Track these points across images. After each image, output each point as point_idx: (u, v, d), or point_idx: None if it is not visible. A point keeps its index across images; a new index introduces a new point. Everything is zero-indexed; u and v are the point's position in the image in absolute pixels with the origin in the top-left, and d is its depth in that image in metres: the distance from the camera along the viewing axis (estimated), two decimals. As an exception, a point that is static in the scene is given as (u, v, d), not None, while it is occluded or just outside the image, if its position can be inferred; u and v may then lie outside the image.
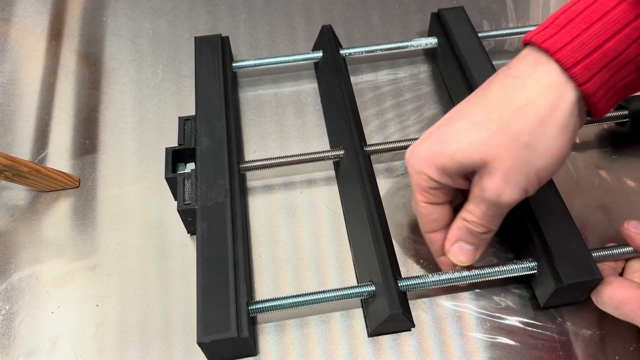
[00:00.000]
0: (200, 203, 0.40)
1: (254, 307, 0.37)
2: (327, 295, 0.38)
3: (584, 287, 0.37)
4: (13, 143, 0.51)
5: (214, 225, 0.39)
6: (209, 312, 0.35)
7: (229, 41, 0.55)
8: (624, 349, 0.38)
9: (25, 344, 0.39)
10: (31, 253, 0.44)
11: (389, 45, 0.54)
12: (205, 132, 0.45)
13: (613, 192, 0.46)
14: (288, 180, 0.48)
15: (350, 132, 0.45)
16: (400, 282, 0.37)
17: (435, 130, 0.35)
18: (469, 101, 0.34)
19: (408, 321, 0.37)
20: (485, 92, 0.33)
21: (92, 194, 0.47)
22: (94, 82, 0.56)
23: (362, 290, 0.38)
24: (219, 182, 0.41)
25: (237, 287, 0.36)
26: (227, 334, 0.34)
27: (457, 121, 0.33)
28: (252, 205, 0.46)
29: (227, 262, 0.37)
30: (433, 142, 0.34)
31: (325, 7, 0.62)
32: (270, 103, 0.54)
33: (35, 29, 0.61)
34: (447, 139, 0.33)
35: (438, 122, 0.35)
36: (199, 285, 0.36)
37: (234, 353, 0.37)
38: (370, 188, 0.41)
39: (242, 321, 0.35)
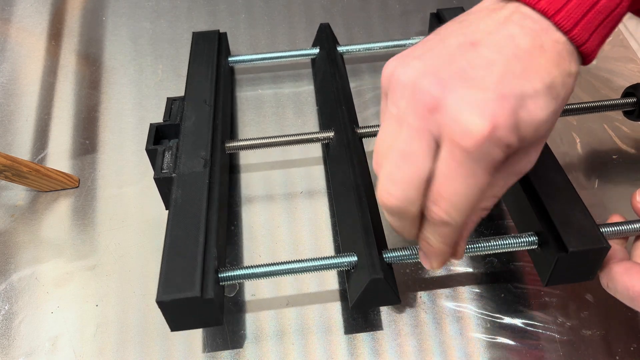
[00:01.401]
0: (178, 172, 0.39)
1: (224, 274, 0.35)
2: (305, 265, 0.35)
3: (590, 260, 0.34)
4: (13, 143, 0.51)
5: (189, 193, 0.38)
6: (173, 272, 0.33)
7: (226, 37, 0.54)
8: (624, 349, 0.38)
9: (24, 344, 0.39)
10: (31, 253, 0.44)
11: (387, 43, 0.54)
12: (192, 111, 0.44)
13: (613, 192, 0.46)
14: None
15: (341, 113, 0.44)
16: (385, 254, 0.36)
17: (506, 84, 0.26)
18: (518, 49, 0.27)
19: (392, 293, 0.35)
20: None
21: (91, 194, 0.47)
22: (93, 81, 0.56)
23: (343, 261, 0.36)
24: (199, 153, 0.41)
25: (206, 250, 0.34)
26: (190, 293, 0.31)
27: (529, 80, 0.26)
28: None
29: (199, 226, 0.35)
30: (509, 102, 0.25)
31: (325, 6, 0.62)
32: (270, 103, 0.54)
33: (34, 29, 0.60)
34: (528, 101, 0.26)
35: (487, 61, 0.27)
36: (166, 245, 0.34)
37: (198, 320, 0.34)
38: (357, 162, 0.40)
39: (208, 283, 0.33)
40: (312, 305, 0.40)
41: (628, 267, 0.34)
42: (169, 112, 0.45)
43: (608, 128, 0.51)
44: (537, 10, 0.28)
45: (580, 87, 0.55)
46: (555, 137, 0.50)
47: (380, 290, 0.34)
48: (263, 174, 0.48)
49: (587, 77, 0.56)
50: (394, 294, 0.35)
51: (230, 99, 0.53)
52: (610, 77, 0.56)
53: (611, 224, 0.36)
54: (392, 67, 0.28)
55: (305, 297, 0.41)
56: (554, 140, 0.50)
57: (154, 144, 0.42)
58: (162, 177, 0.40)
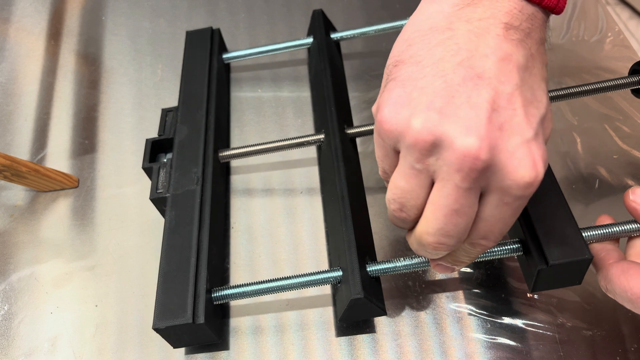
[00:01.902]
0: (172, 191, 0.40)
1: (216, 294, 0.37)
2: (291, 282, 0.36)
3: (574, 269, 0.34)
4: (12, 143, 0.51)
5: (182, 212, 0.39)
6: (167, 298, 0.35)
7: (220, 33, 0.54)
8: (625, 349, 0.38)
9: (24, 344, 0.39)
10: (30, 253, 0.43)
11: (383, 26, 0.52)
12: (185, 122, 0.45)
13: (613, 192, 0.46)
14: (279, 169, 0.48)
15: (330, 114, 0.44)
16: (369, 267, 0.36)
17: (531, 120, 0.26)
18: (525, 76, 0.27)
19: (376, 307, 0.35)
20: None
21: (91, 194, 0.47)
22: (93, 81, 0.55)
23: (328, 276, 0.36)
24: (192, 170, 0.41)
25: (197, 274, 0.36)
26: (182, 319, 0.34)
27: (540, 100, 0.27)
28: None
29: (191, 248, 0.37)
30: (541, 137, 0.27)
31: (325, 6, 0.62)
32: (270, 103, 0.54)
33: (34, 29, 0.60)
34: (546, 122, 0.27)
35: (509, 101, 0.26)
36: (161, 271, 0.36)
37: (194, 340, 0.36)
38: (344, 168, 0.40)
39: (199, 308, 0.34)
40: (313, 306, 0.40)
41: (625, 268, 0.33)
42: (164, 125, 0.45)
43: (609, 128, 0.51)
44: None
45: (580, 86, 0.55)
46: (555, 137, 0.50)
47: (364, 307, 0.35)
48: (263, 174, 0.48)
49: (587, 77, 0.56)
50: (378, 308, 0.36)
51: (225, 100, 0.53)
52: (611, 77, 0.55)
53: (597, 227, 0.36)
54: (404, 118, 0.26)
55: (305, 298, 0.41)
56: (554, 140, 0.50)
57: (151, 160, 0.43)
58: (157, 198, 0.41)
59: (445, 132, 0.25)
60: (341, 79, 0.48)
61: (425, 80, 0.26)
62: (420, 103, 0.26)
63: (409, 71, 0.27)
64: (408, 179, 0.28)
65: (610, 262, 0.34)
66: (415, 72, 0.27)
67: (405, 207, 0.29)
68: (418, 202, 0.28)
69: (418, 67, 0.27)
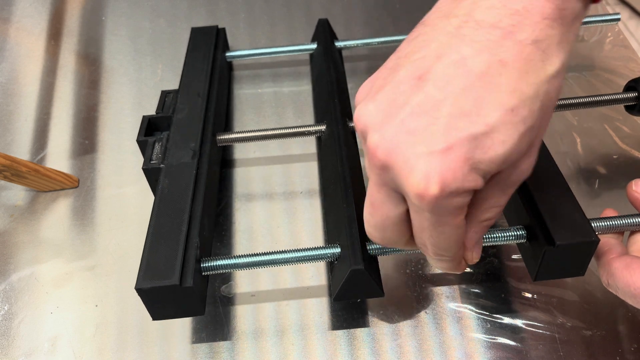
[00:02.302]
0: (166, 162, 0.39)
1: (206, 264, 0.35)
2: (287, 256, 0.35)
3: (579, 255, 0.33)
4: (12, 143, 0.51)
5: (176, 183, 0.38)
6: (154, 260, 0.33)
7: (225, 32, 0.54)
8: (625, 349, 0.38)
9: (24, 344, 0.39)
10: (30, 253, 0.43)
11: (386, 39, 0.53)
12: (185, 103, 0.44)
13: (613, 192, 0.46)
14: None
15: (333, 106, 0.44)
16: (369, 245, 0.35)
17: (457, 132, 0.24)
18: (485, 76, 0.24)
19: (375, 285, 0.34)
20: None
21: (91, 194, 0.47)
22: (93, 81, 0.56)
23: (326, 252, 0.35)
24: (189, 144, 0.41)
25: (188, 240, 0.34)
26: (169, 281, 0.31)
27: (481, 114, 0.24)
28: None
29: (183, 216, 0.35)
30: (457, 152, 0.23)
31: (325, 6, 0.62)
32: (270, 102, 0.54)
33: (34, 29, 0.60)
34: (482, 140, 0.24)
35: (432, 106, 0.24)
36: (149, 233, 0.34)
37: (178, 310, 0.34)
38: (346, 155, 0.40)
39: (188, 271, 0.32)
40: (312, 306, 0.40)
41: (628, 263, 0.32)
42: (162, 105, 0.45)
43: (609, 128, 0.51)
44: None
45: (580, 87, 0.55)
46: (555, 137, 0.50)
47: (362, 281, 0.34)
48: (263, 174, 0.48)
49: (588, 77, 0.56)
50: (377, 287, 0.34)
51: (226, 93, 0.53)
52: (611, 77, 0.56)
53: (604, 218, 0.36)
54: (359, 102, 0.28)
55: (306, 297, 0.41)
56: (554, 140, 0.50)
57: (146, 136, 0.42)
58: (151, 168, 0.40)
59: (367, 123, 0.26)
60: (343, 81, 0.49)
61: (388, 72, 0.27)
62: (372, 92, 0.27)
63: (390, 60, 0.28)
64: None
65: (613, 257, 0.34)
66: (390, 62, 0.27)
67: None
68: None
69: (394, 57, 0.27)
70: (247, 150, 0.50)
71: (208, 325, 0.39)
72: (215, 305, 0.40)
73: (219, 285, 0.41)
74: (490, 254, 0.43)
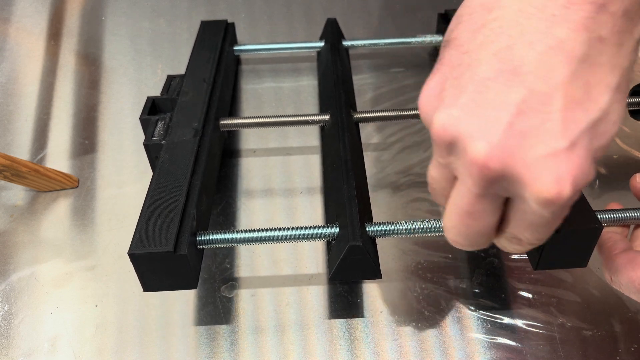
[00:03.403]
0: (168, 139, 0.40)
1: (202, 237, 0.34)
2: (285, 233, 0.35)
3: (582, 242, 0.32)
4: (12, 143, 0.51)
5: (176, 158, 0.38)
6: (148, 228, 0.32)
7: (234, 27, 0.55)
8: (625, 349, 0.38)
9: (24, 344, 0.39)
10: (30, 253, 0.43)
11: (392, 40, 0.54)
12: (190, 87, 0.45)
13: (614, 192, 0.46)
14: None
15: (338, 96, 0.44)
16: (369, 227, 0.34)
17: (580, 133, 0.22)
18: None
19: (372, 264, 0.33)
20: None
21: (91, 194, 0.47)
22: (93, 81, 0.55)
23: (324, 231, 0.35)
24: (192, 124, 0.41)
25: (185, 211, 0.34)
26: (163, 247, 0.31)
27: (595, 100, 0.22)
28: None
29: (181, 188, 0.35)
30: (582, 146, 0.22)
31: (325, 6, 0.62)
32: (270, 99, 0.54)
33: (34, 29, 0.60)
34: (599, 127, 0.22)
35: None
36: (145, 203, 0.34)
37: (170, 281, 0.33)
38: (349, 142, 0.40)
39: (183, 240, 0.32)
40: (313, 306, 0.40)
41: (631, 258, 0.32)
42: (167, 88, 0.45)
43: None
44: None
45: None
46: (555, 136, 0.50)
47: (359, 259, 0.33)
48: (263, 174, 0.48)
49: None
50: (374, 266, 0.34)
51: (232, 82, 0.53)
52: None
53: (608, 210, 0.35)
54: (431, 111, 0.25)
55: (306, 297, 0.41)
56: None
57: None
58: (152, 144, 0.40)
59: (461, 132, 0.23)
60: (349, 76, 0.49)
61: (460, 70, 0.24)
62: (448, 96, 0.24)
63: (449, 56, 0.25)
64: (435, 169, 0.26)
65: (617, 253, 0.33)
66: (454, 58, 0.24)
67: (434, 193, 0.28)
68: (444, 192, 0.26)
69: (458, 52, 0.24)
70: (247, 150, 0.50)
71: (208, 325, 0.39)
72: (215, 306, 0.40)
73: (219, 285, 0.41)
74: (491, 254, 0.43)
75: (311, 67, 0.56)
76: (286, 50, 0.54)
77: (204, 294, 0.41)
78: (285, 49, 0.54)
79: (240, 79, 0.56)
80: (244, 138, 0.51)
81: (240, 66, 0.57)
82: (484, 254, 0.42)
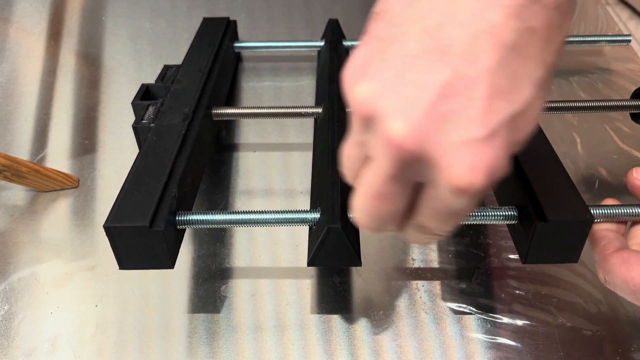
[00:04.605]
0: (157, 122, 0.40)
1: (181, 217, 0.34)
2: (265, 217, 0.34)
3: (573, 235, 0.31)
4: (12, 143, 0.51)
5: (163, 139, 0.38)
6: (127, 203, 0.32)
7: (235, 25, 0.55)
8: (625, 349, 0.38)
9: (24, 344, 0.39)
10: (30, 253, 0.43)
11: None
12: (186, 76, 0.45)
13: (613, 192, 0.46)
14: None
15: (331, 90, 0.44)
16: (350, 214, 0.33)
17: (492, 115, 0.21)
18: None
19: (352, 250, 0.32)
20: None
21: (91, 194, 0.47)
22: (93, 81, 0.56)
23: (306, 216, 0.34)
24: (182, 110, 0.41)
25: (165, 189, 0.34)
26: (139, 222, 0.31)
27: (518, 91, 0.22)
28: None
29: (164, 168, 0.35)
30: (501, 137, 0.21)
31: (325, 6, 0.62)
32: (269, 97, 0.54)
33: (34, 29, 0.60)
34: (520, 120, 0.22)
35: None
36: (127, 179, 0.34)
37: (146, 259, 0.33)
38: (338, 130, 0.40)
39: (160, 217, 0.31)
40: (313, 306, 0.40)
41: (626, 258, 0.31)
42: (162, 76, 0.46)
43: (608, 128, 0.51)
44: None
45: (580, 87, 0.55)
46: (555, 137, 0.50)
47: (338, 244, 0.32)
48: (263, 174, 0.48)
49: (588, 77, 0.56)
50: (354, 252, 0.33)
51: (229, 76, 0.53)
52: (611, 77, 0.56)
53: (603, 205, 0.33)
54: (353, 81, 0.24)
55: (306, 298, 0.41)
56: (554, 140, 0.50)
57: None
58: (140, 126, 0.40)
59: (381, 108, 0.22)
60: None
61: (388, 43, 0.23)
62: (373, 69, 0.23)
63: (378, 29, 0.24)
64: (350, 147, 0.26)
65: (610, 252, 0.32)
66: (382, 31, 0.23)
67: (347, 172, 0.27)
68: (357, 172, 0.26)
69: (387, 25, 0.23)
70: (247, 150, 0.50)
71: (208, 324, 0.39)
72: (215, 305, 0.40)
73: (219, 285, 0.41)
74: (491, 254, 0.43)
75: (311, 67, 0.57)
76: (287, 49, 0.54)
77: (204, 294, 0.41)
78: (285, 47, 0.54)
79: (240, 77, 0.56)
80: (243, 136, 0.51)
81: (241, 64, 0.57)
82: (484, 254, 0.42)
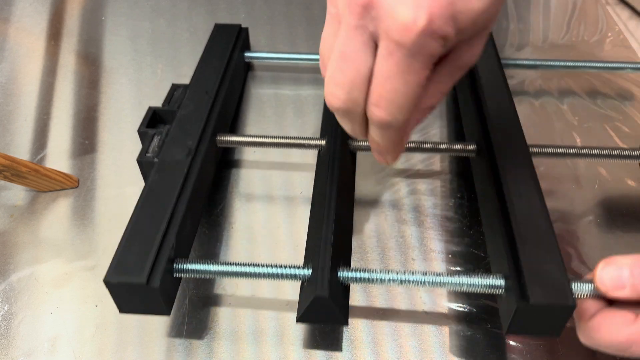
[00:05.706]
0: (161, 157, 0.40)
1: (178, 266, 0.35)
2: (259, 270, 0.35)
3: (554, 316, 0.31)
4: (12, 143, 0.51)
5: (165, 178, 0.38)
6: (126, 255, 0.33)
7: (247, 32, 0.55)
8: (625, 349, 0.38)
9: (24, 344, 0.39)
10: (30, 253, 0.43)
11: None
12: (192, 99, 0.45)
13: (614, 192, 0.46)
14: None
15: (335, 122, 0.44)
16: (341, 272, 0.34)
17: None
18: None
19: (339, 314, 0.33)
20: None
21: (91, 194, 0.47)
22: (93, 81, 0.56)
23: (296, 273, 0.34)
24: (186, 142, 0.41)
25: (164, 239, 0.34)
26: (136, 279, 0.32)
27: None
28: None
29: (165, 214, 0.36)
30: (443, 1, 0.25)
31: (325, 7, 0.62)
32: (270, 103, 0.54)
33: (34, 29, 0.60)
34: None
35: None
36: (127, 227, 0.35)
37: (143, 307, 0.34)
38: (338, 173, 0.40)
39: (157, 271, 0.32)
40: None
41: (599, 321, 0.30)
42: (170, 98, 0.45)
43: (608, 128, 0.51)
44: None
45: (580, 87, 0.55)
46: (555, 137, 0.50)
47: (325, 309, 0.33)
48: (263, 174, 0.48)
49: (588, 77, 0.56)
50: (341, 316, 0.34)
51: (237, 93, 0.53)
52: (611, 78, 0.56)
53: (586, 280, 0.32)
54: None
55: (305, 297, 0.41)
56: (554, 140, 0.50)
57: (149, 127, 0.43)
58: (144, 161, 0.40)
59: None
60: None
61: None
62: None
63: None
64: (326, 27, 0.29)
65: (589, 316, 0.31)
66: None
67: (322, 57, 0.30)
68: (330, 52, 0.28)
69: None
70: (247, 151, 0.50)
71: (208, 325, 0.39)
72: (215, 306, 0.40)
73: (219, 285, 0.41)
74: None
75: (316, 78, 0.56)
76: (300, 62, 0.53)
77: (204, 294, 0.41)
78: (297, 60, 0.53)
79: (247, 83, 0.56)
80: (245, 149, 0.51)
81: (251, 72, 0.57)
82: (484, 254, 0.42)
